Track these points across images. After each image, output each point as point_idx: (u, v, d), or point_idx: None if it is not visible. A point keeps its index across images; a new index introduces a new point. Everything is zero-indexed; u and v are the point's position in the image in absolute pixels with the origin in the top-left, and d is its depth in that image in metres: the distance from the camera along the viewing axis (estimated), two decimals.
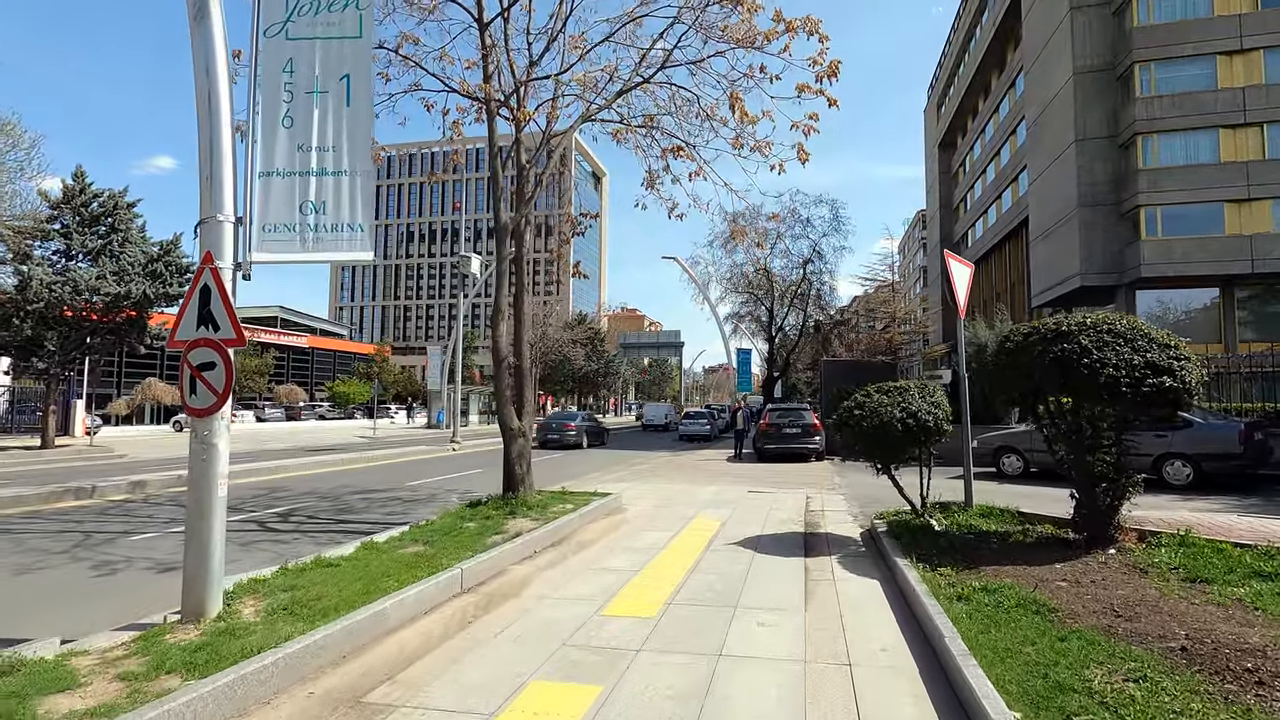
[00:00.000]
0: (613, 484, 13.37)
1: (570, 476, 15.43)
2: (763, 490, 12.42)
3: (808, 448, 18.67)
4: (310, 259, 5.05)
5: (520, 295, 9.81)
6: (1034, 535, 6.52)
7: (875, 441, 7.15)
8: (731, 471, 16.28)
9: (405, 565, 6.02)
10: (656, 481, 14.03)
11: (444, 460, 20.05)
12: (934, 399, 7.24)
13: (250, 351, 36.18)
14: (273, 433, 32.73)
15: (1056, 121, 30.11)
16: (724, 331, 42.77)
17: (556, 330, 55.88)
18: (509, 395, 9.23)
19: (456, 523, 7.95)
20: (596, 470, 17.21)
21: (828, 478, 14.89)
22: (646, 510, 10.07)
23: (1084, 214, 27.87)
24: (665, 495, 11.76)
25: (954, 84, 51.66)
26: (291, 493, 12.64)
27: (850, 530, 8.51)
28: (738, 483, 13.79)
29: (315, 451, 22.58)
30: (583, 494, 10.46)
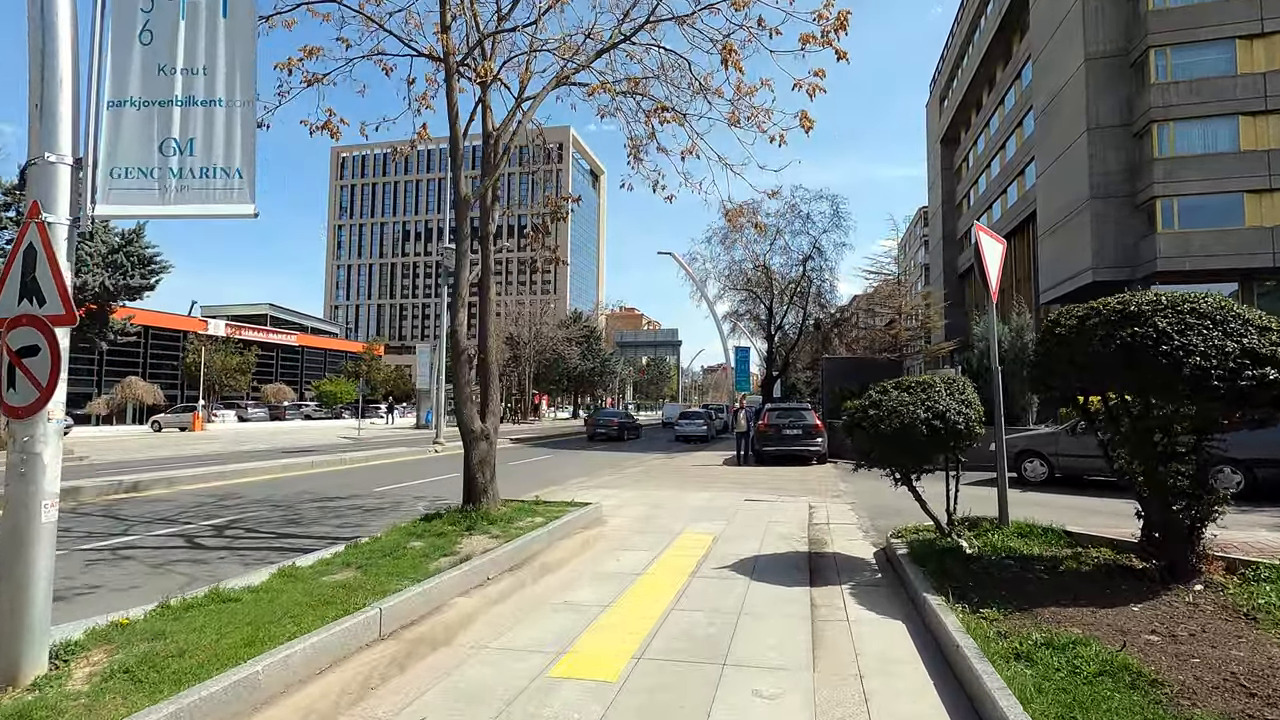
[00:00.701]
0: (597, 490, 12.23)
1: (552, 481, 14.28)
2: (761, 498, 11.27)
3: (809, 450, 17.53)
4: (172, 213, 3.90)
5: (487, 280, 8.66)
6: (1090, 562, 5.37)
7: (895, 447, 6.01)
8: (727, 476, 15.13)
9: (319, 601, 4.87)
10: (645, 487, 12.89)
11: (423, 463, 18.89)
12: (964, 396, 6.10)
13: (232, 349, 35.00)
14: (253, 433, 31.58)
15: (1067, 110, 29.00)
16: (721, 329, 41.66)
17: (551, 328, 54.77)
18: (470, 393, 8.08)
19: (403, 541, 6.80)
20: (583, 474, 16.07)
21: (831, 483, 13.74)
22: (629, 523, 8.91)
23: (1096, 206, 26.77)
24: (653, 503, 10.61)
25: (957, 77, 50.57)
26: (242, 501, 11.48)
27: (862, 549, 7.36)
28: (733, 489, 12.65)
29: (291, 453, 21.43)
30: (558, 504, 9.31)
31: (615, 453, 23.85)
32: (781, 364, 41.63)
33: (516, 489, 12.99)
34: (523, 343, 51.56)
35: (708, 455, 21.43)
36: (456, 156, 8.06)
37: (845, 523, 8.91)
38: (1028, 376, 5.66)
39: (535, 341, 52.46)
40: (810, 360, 57.27)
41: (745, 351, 39.92)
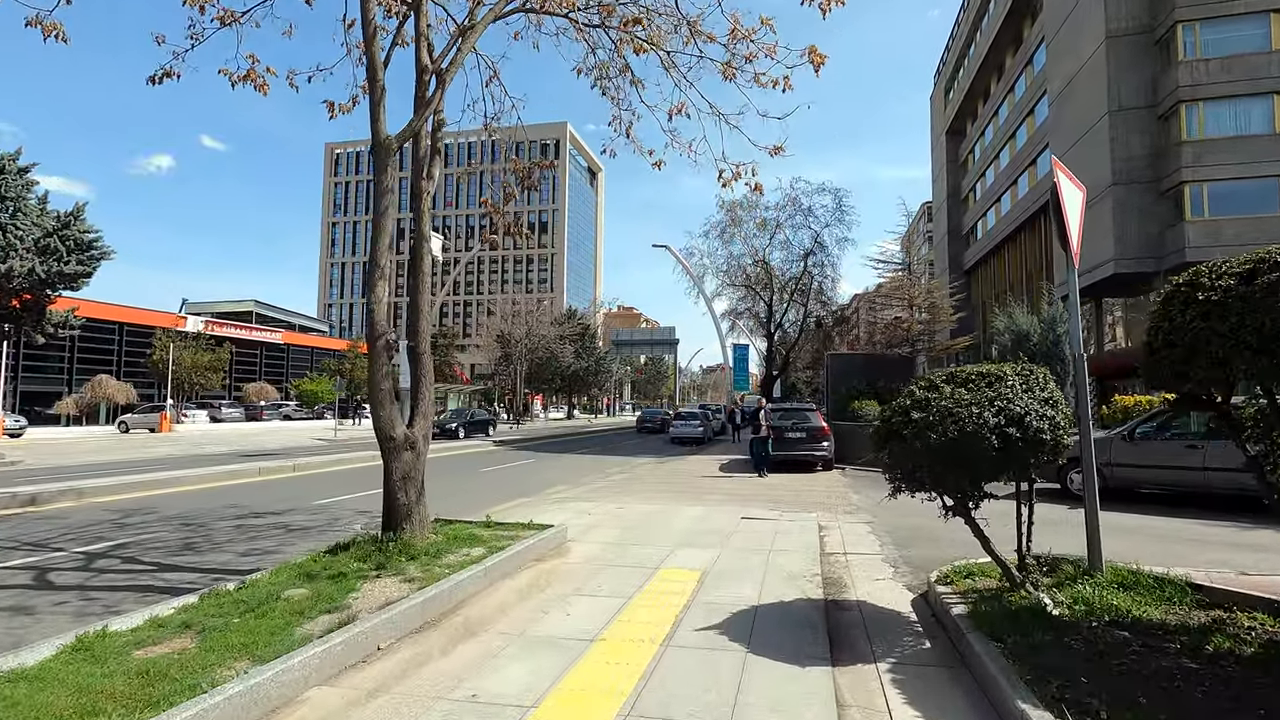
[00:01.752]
0: (572, 503, 10.52)
1: (524, 492, 12.58)
2: (761, 515, 9.54)
3: (815, 455, 15.82)
4: None
5: (422, 250, 6.96)
6: (1250, 637, 3.65)
7: (950, 462, 4.29)
8: (723, 485, 13.41)
9: (83, 711, 3.16)
10: (628, 499, 11.17)
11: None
12: (1047, 393, 4.38)
13: (205, 346, 33.19)
14: (222, 435, 29.84)
15: (1085, 93, 27.32)
16: (719, 327, 39.99)
17: (544, 326, 53.06)
18: (388, 390, 6.37)
19: (283, 587, 5.09)
20: (563, 482, 14.37)
21: (841, 494, 12.03)
22: (598, 551, 7.20)
23: (1118, 193, 25.09)
24: (632, 522, 8.89)
25: (963, 66, 48.89)
26: (150, 518, 9.76)
27: (894, 594, 5.65)
28: (729, 501, 10.93)
29: (252, 456, 19.73)
30: (512, 527, 7.59)
31: (605, 456, 22.14)
32: (781, 363, 39.97)
33: (474, 504, 11.30)
34: (514, 341, 49.86)
35: (703, 460, 19.72)
36: (374, 85, 6.33)
37: (866, 552, 7.18)
38: (1145, 368, 3.93)
39: (528, 340, 50.76)
40: (811, 359, 55.57)
41: (744, 349, 38.21)
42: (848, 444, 17.46)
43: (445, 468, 17.63)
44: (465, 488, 13.61)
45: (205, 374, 32.86)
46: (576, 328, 56.75)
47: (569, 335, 54.29)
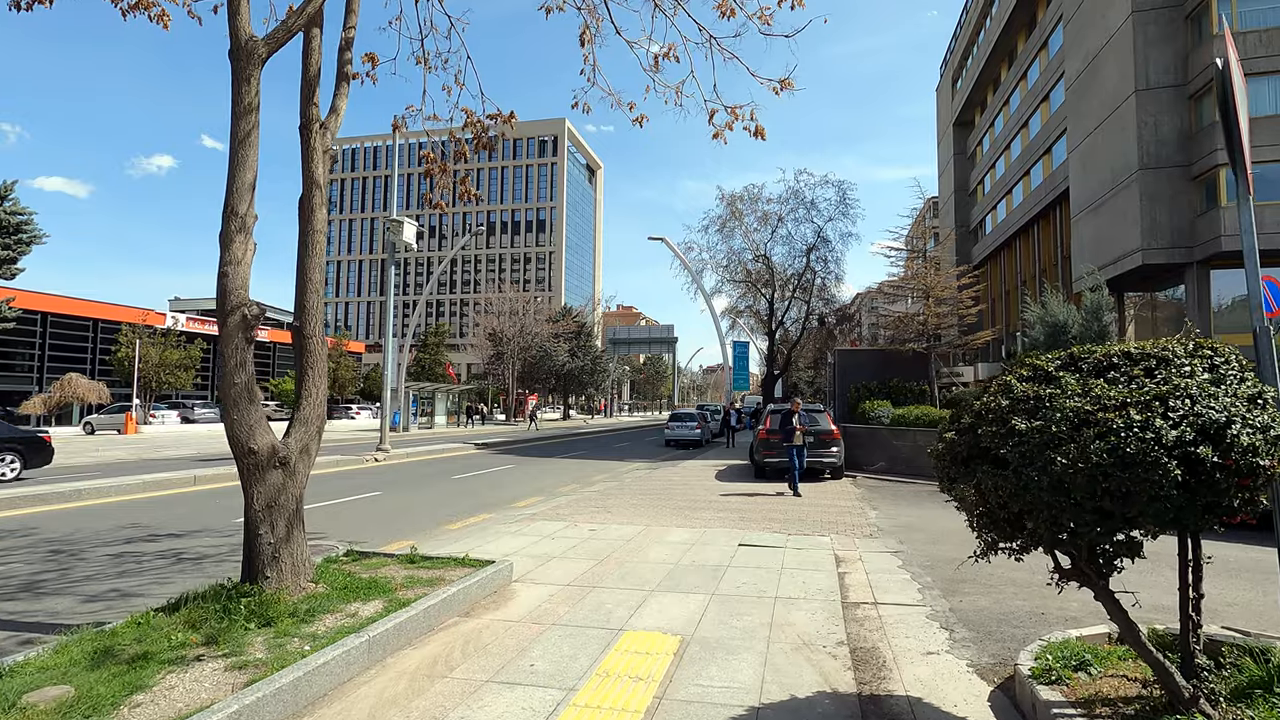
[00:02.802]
0: (535, 522, 8.78)
1: (487, 505, 10.85)
2: (762, 542, 7.80)
3: (823, 461, 14.08)
4: None
5: (312, 200, 5.22)
6: None
7: (1084, 500, 2.53)
8: (718, 499, 11.65)
9: None
10: (606, 516, 9.43)
11: (347, 477, 15.44)
12: (1248, 385, 2.61)
13: (173, 342, 31.43)
14: (189, 437, 28.09)
15: (1109, 73, 25.56)
16: (718, 323, 38.32)
17: (538, 323, 51.31)
18: (244, 385, 4.64)
19: (50, 675, 3.36)
20: (535, 493, 12.65)
21: (856, 508, 10.28)
22: (548, 597, 5.46)
23: (1146, 179, 23.32)
24: (603, 550, 7.16)
25: (972, 54, 47.14)
26: (21, 541, 8.03)
27: (961, 686, 3.89)
28: (724, 518, 9.18)
29: (208, 461, 18.04)
30: (440, 562, 5.86)
31: (593, 460, 20.40)
32: (783, 362, 38.25)
33: (424, 521, 9.60)
34: (506, 339, 48.12)
35: (699, 466, 17.98)
36: None
37: (904, 602, 5.42)
38: None
39: (520, 337, 49.02)
40: (812, 359, 53.85)
41: (744, 346, 36.52)
42: (859, 449, 15.72)
43: (414, 474, 15.91)
44: (423, 500, 11.89)
45: (174, 372, 31.10)
46: (571, 325, 54.97)
47: (563, 333, 52.53)
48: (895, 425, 15.21)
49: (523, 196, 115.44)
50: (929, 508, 10.37)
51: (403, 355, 35.02)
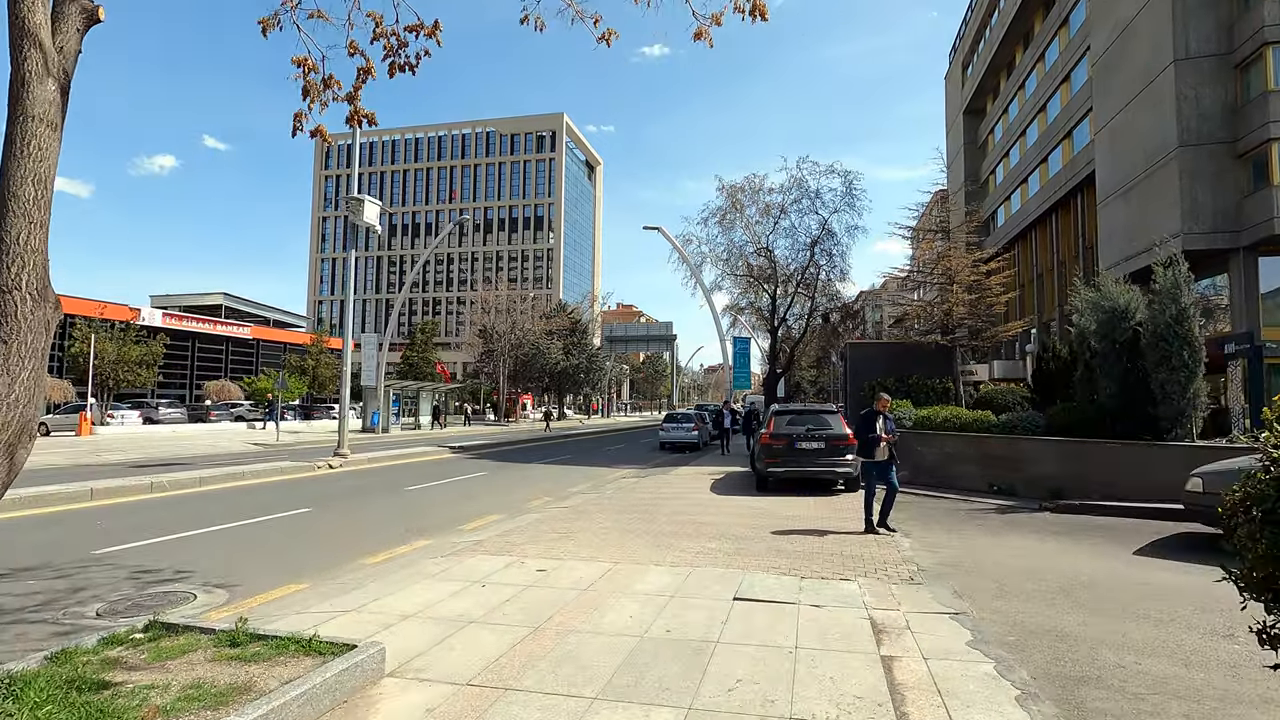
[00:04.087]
0: (471, 560, 6.75)
1: (426, 529, 8.81)
2: (767, 593, 5.74)
3: (836, 471, 12.03)
4: None
5: (25, 68, 3.16)
6: None
7: None
8: (712, 519, 9.60)
9: None
10: (569, 545, 7.39)
11: (286, 488, 13.41)
12: None
13: (134, 338, 29.38)
14: (144, 439, 26.07)
15: (1142, 44, 23.48)
16: (717, 318, 36.29)
17: (530, 320, 49.27)
18: None
19: None
20: (500, 509, 10.63)
21: (884, 535, 8.21)
22: (425, 713, 3.40)
23: (1186, 157, 21.25)
24: (535, 616, 5.10)
25: (984, 38, 45.05)
26: None
27: None
28: (714, 553, 7.13)
29: (143, 468, 16.13)
30: (269, 650, 3.82)
31: (576, 466, 18.37)
32: (786, 361, 36.29)
33: (335, 551, 7.56)
34: (497, 336, 46.10)
35: (694, 474, 15.95)
36: None
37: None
38: None
39: (512, 334, 47.00)
40: (815, 357, 51.85)
41: (745, 342, 34.51)
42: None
43: (365, 484, 13.87)
44: (356, 520, 9.85)
45: (134, 369, 29.11)
46: (565, 322, 52.91)
47: (557, 331, 50.49)
48: (919, 429, 13.15)
49: (520, 193, 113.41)
50: (973, 534, 8.32)
51: (383, 353, 32.99)
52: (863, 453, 8.64)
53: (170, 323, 45.92)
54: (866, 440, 8.53)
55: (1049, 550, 7.21)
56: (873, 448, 8.50)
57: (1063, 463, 10.29)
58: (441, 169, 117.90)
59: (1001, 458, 11.27)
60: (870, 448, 8.51)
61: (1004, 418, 11.93)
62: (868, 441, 8.50)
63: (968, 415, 12.22)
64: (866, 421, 8.63)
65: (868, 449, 8.54)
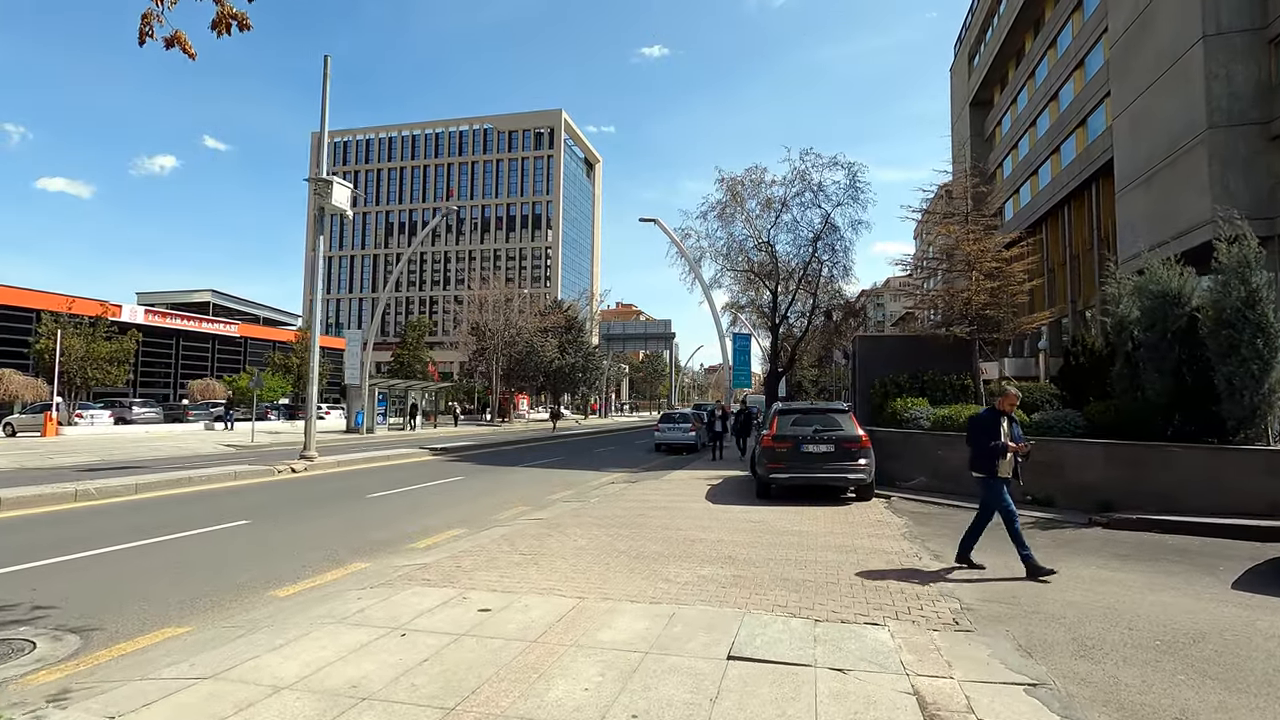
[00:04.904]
0: (404, 594, 5.41)
1: (374, 547, 7.49)
2: (772, 651, 4.39)
3: (847, 478, 10.68)
4: None
5: None
6: None
7: None
8: (706, 536, 8.25)
9: None
10: (523, 573, 6.06)
11: (233, 495, 12.07)
12: None
13: (103, 333, 27.98)
14: (109, 441, 24.72)
15: (1166, 20, 22.12)
16: (717, 316, 34.95)
17: (525, 317, 47.92)
18: None
19: None
20: (468, 520, 9.30)
21: (906, 552, 6.86)
22: None
23: (1216, 139, 19.86)
24: (459, 683, 3.77)
25: (993, 26, 43.67)
26: None
27: None
28: (706, 583, 5.78)
29: (93, 471, 14.80)
30: None
31: (562, 470, 17.03)
32: (787, 360, 35.00)
33: (247, 578, 6.22)
34: (490, 333, 44.76)
35: (690, 480, 14.61)
36: None
37: None
38: None
39: (506, 331, 45.64)
40: (818, 357, 50.55)
41: (745, 339, 33.19)
42: (890, 459, 12.30)
43: (321, 491, 12.53)
44: (293, 535, 8.50)
45: (104, 367, 27.72)
46: (560, 320, 51.55)
47: (552, 328, 49.13)
48: (939, 430, 11.80)
49: (518, 190, 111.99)
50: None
51: (367, 351, 31.67)
52: (980, 465, 6.58)
53: (153, 320, 44.60)
54: (987, 450, 6.47)
55: (1123, 582, 5.86)
56: (993, 460, 6.41)
57: (1111, 469, 8.95)
58: (439, 166, 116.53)
59: (1037, 463, 9.90)
60: (990, 460, 6.44)
61: (1037, 417, 10.57)
62: (988, 451, 6.45)
63: None
64: (987, 425, 6.58)
65: (986, 461, 6.49)
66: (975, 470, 6.63)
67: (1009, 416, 6.66)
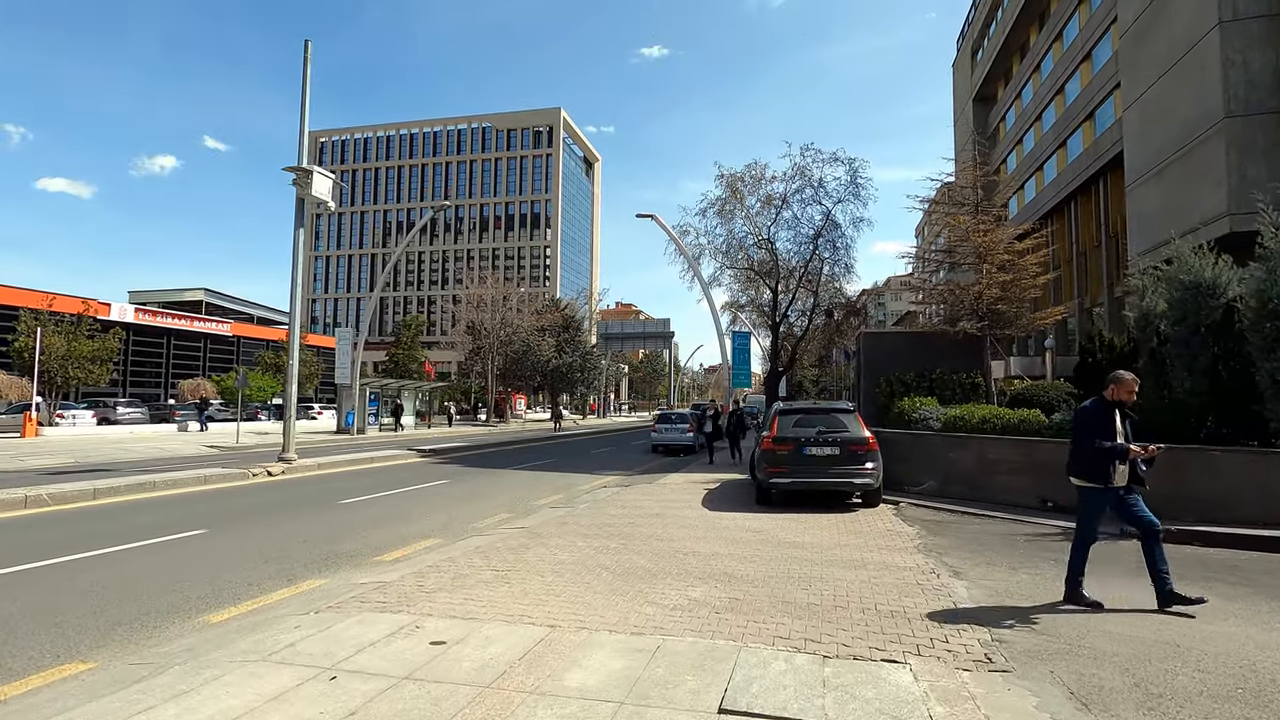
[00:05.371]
0: (345, 620, 4.68)
1: (335, 560, 6.76)
2: (772, 700, 3.66)
3: (853, 483, 9.97)
4: None
5: None
6: None
7: None
8: (699, 550, 7.55)
9: None
10: (493, 594, 5.36)
11: (199, 500, 11.36)
12: None
13: (85, 332, 27.22)
14: (85, 443, 23.98)
15: (1179, 9, 21.42)
16: (715, 312, 34.23)
17: (522, 316, 47.19)
18: None
19: None
20: (443, 529, 8.60)
21: (927, 574, 6.14)
22: None
23: (1233, 129, 19.17)
24: None
25: (996, 19, 42.99)
26: None
27: None
28: (698, 608, 5.07)
29: (60, 474, 14.16)
30: None
31: (554, 473, 16.31)
32: (788, 359, 34.30)
33: (181, 599, 5.50)
34: (485, 332, 44.05)
35: (683, 482, 13.90)
36: None
37: None
38: None
39: (502, 330, 44.94)
40: (818, 356, 49.77)
41: (745, 337, 32.56)
42: (898, 462, 11.59)
43: (295, 496, 11.82)
44: (249, 548, 7.77)
45: (85, 366, 27.03)
46: (557, 318, 50.83)
47: (549, 327, 48.42)
48: (950, 431, 11.08)
49: (516, 189, 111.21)
50: (1053, 576, 6.23)
51: (358, 350, 30.96)
52: (1086, 470, 5.17)
53: (143, 319, 43.91)
54: (1098, 453, 5.02)
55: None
56: (1108, 464, 5.02)
57: None
58: (437, 165, 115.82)
59: (1058, 466, 9.19)
60: (1102, 464, 5.03)
61: (1057, 418, 9.86)
62: (1100, 454, 5.02)
63: (1012, 415, 10.14)
64: (1097, 419, 5.13)
65: (1096, 465, 5.06)
66: (1079, 477, 5.27)
67: (1122, 409, 5.21)
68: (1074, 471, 5.36)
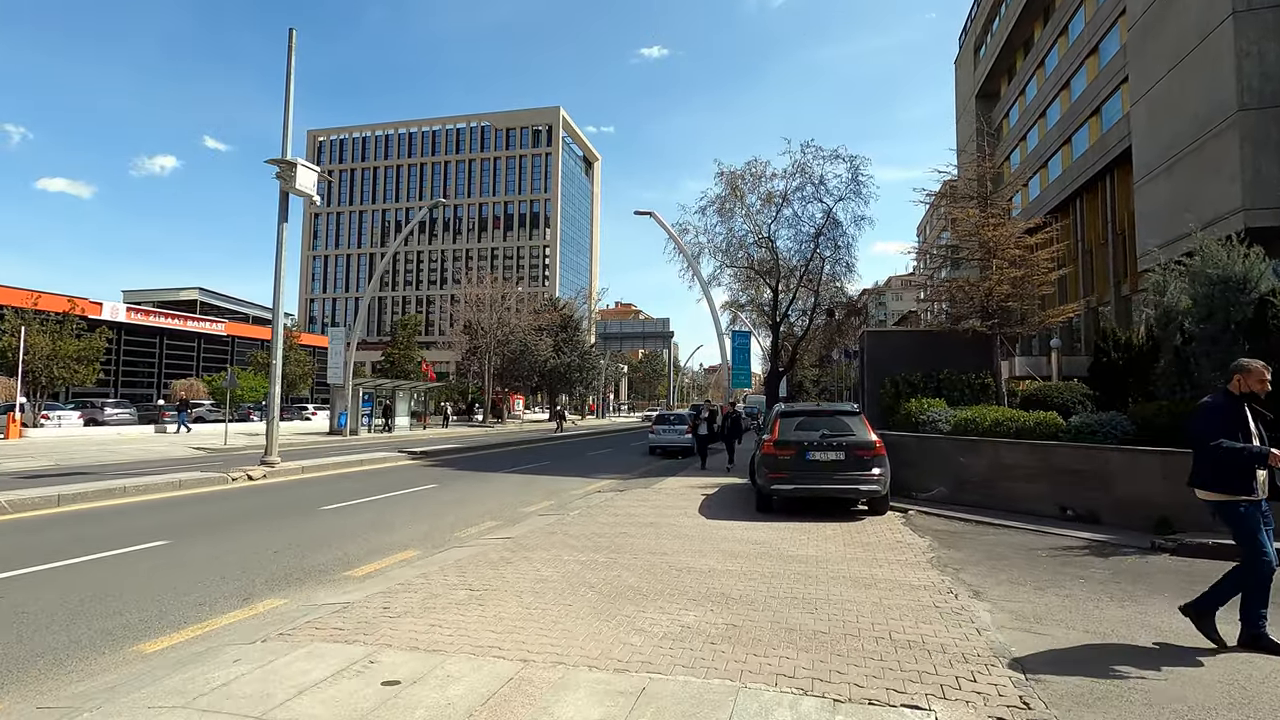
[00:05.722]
0: (296, 650, 4.10)
1: (294, 576, 6.22)
2: None
3: (859, 489, 9.42)
4: None
5: None
6: None
7: None
8: (695, 564, 7.00)
9: None
10: (464, 615, 4.81)
11: (174, 506, 10.81)
12: None
13: (71, 331, 26.64)
14: (69, 444, 23.43)
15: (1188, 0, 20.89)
16: (715, 310, 33.70)
17: (519, 315, 46.63)
18: None
19: None
20: (412, 544, 8.05)
21: (944, 594, 5.58)
22: None
23: (1247, 121, 18.63)
24: None
25: (1000, 14, 42.43)
26: None
27: None
28: (692, 638, 4.52)
29: (36, 478, 13.64)
30: None
31: (547, 476, 15.76)
32: (788, 359, 33.77)
33: (119, 626, 4.88)
34: (483, 331, 43.51)
35: (681, 487, 13.34)
36: None
37: None
38: None
39: (499, 329, 44.40)
40: (819, 356, 49.22)
41: (745, 337, 32.04)
42: (905, 467, 11.03)
43: (275, 502, 11.27)
44: (211, 561, 7.21)
45: (71, 365, 26.47)
46: (555, 318, 50.27)
47: (547, 326, 47.86)
48: (961, 434, 10.53)
49: (516, 189, 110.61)
50: (1083, 597, 5.66)
51: (351, 350, 30.42)
52: (1217, 480, 4.30)
53: (135, 318, 43.36)
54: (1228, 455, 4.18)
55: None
56: (1247, 470, 4.21)
57: (1171, 481, 7.68)
58: (436, 164, 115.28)
59: (1078, 473, 8.66)
60: (1240, 469, 4.22)
61: (1075, 420, 9.30)
62: (1231, 458, 4.19)
63: (1027, 418, 9.59)
64: (1226, 417, 4.27)
65: (1231, 472, 4.23)
66: (1207, 488, 4.35)
67: (1253, 402, 4.31)
68: (1202, 482, 4.38)
